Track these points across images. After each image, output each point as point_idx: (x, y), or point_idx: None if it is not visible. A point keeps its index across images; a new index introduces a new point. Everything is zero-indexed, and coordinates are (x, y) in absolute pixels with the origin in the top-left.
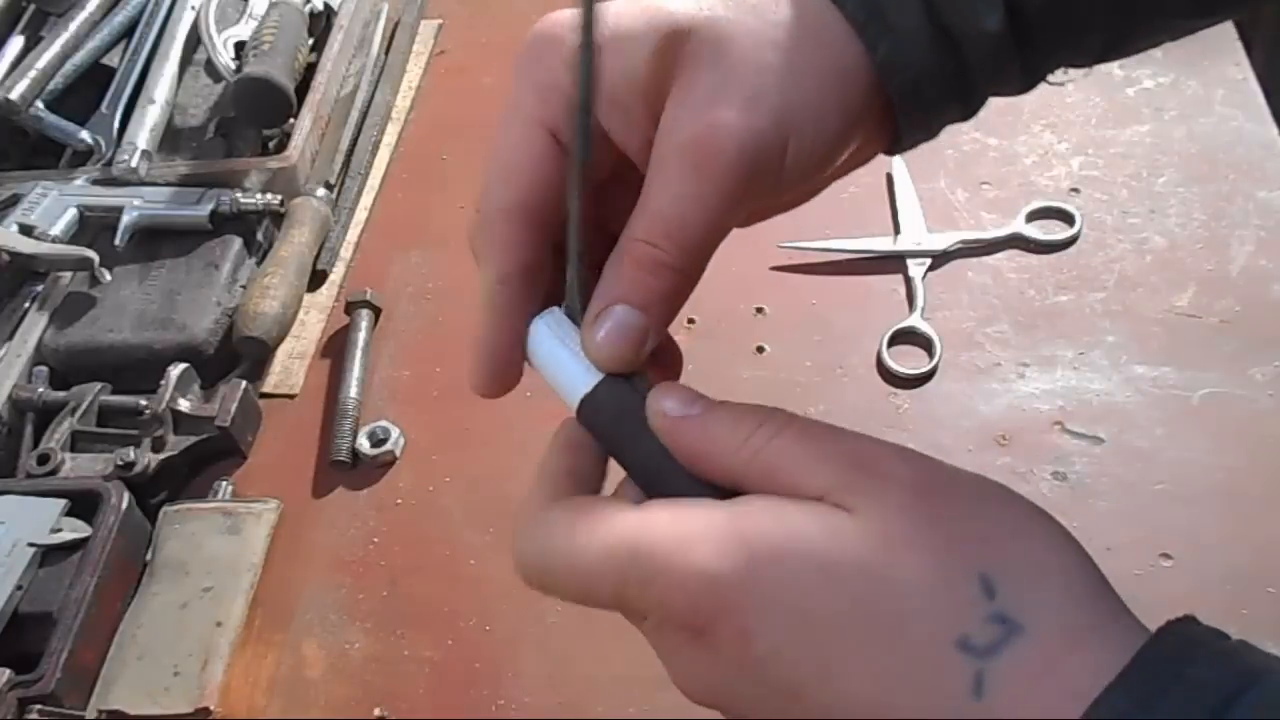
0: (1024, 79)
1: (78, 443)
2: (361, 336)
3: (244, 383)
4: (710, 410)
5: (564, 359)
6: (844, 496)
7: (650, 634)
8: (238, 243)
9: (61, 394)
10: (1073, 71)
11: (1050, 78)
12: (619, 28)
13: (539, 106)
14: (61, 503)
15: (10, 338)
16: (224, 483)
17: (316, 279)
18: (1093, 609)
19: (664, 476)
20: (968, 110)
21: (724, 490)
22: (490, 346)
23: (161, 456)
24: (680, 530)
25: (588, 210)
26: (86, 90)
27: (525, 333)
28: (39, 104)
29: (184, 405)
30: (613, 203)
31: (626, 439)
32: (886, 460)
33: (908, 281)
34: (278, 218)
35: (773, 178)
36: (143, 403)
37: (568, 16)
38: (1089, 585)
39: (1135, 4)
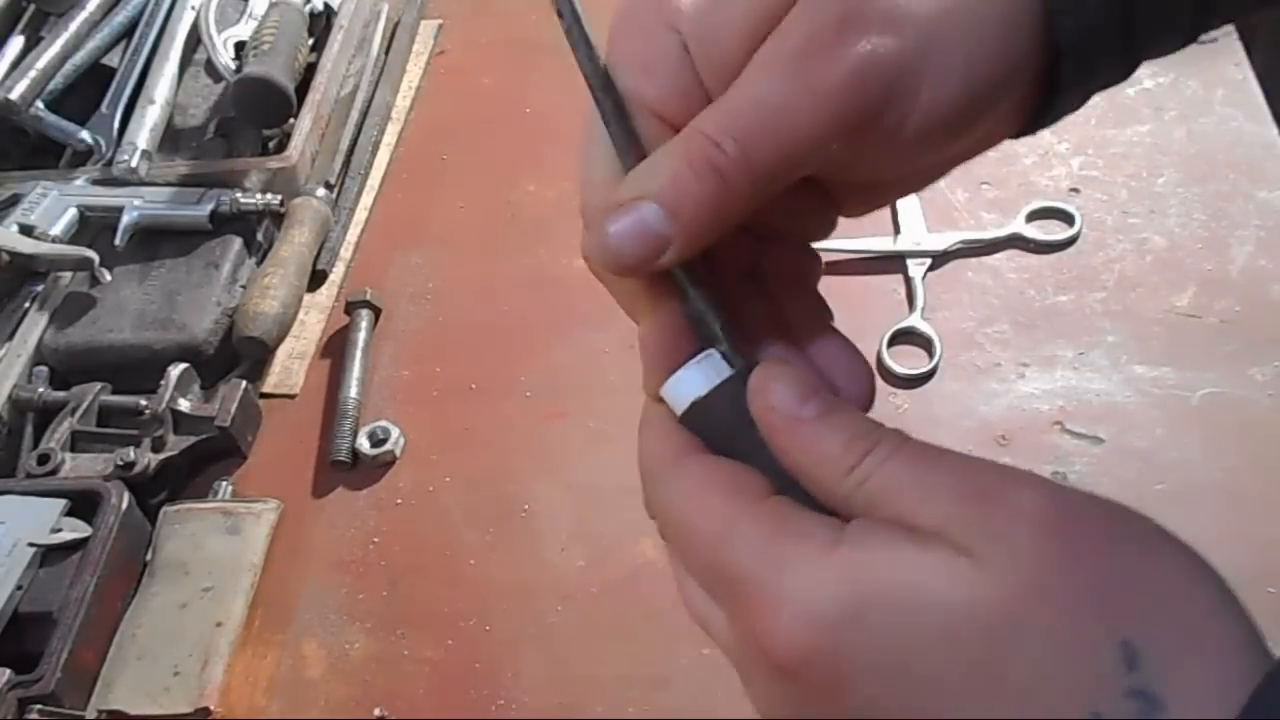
0: (1188, 33)
1: (78, 443)
2: (361, 336)
3: (244, 383)
4: (824, 417)
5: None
6: (963, 535)
7: (729, 651)
8: (238, 243)
9: (61, 394)
10: None
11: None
12: None
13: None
14: (61, 503)
15: (10, 338)
16: (224, 483)
17: (316, 279)
18: (1247, 681)
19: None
20: (1127, 70)
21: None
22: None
23: (161, 456)
24: (783, 553)
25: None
26: (86, 90)
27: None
28: (39, 104)
29: (184, 405)
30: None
31: (740, 446)
32: (1010, 489)
33: (908, 281)
34: (278, 218)
35: (897, 118)
36: (143, 403)
37: None
38: (1242, 643)
39: None
